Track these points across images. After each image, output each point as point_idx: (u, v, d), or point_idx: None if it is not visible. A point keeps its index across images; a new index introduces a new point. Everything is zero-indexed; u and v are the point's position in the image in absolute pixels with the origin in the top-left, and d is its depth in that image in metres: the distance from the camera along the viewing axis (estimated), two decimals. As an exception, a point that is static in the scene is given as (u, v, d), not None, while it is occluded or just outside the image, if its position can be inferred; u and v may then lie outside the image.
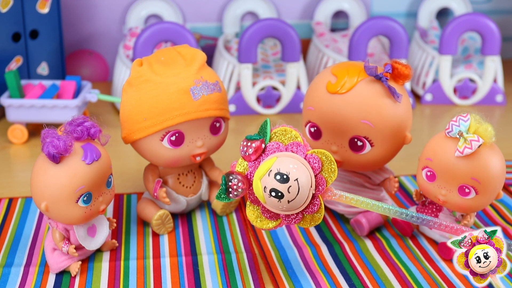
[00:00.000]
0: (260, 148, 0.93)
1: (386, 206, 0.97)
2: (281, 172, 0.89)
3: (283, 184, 0.89)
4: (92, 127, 1.00)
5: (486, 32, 1.77)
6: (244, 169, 0.94)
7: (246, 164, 0.94)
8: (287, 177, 0.89)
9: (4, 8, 1.61)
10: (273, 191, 0.89)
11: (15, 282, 1.01)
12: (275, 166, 0.89)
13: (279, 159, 0.91)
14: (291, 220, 0.94)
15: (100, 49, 2.00)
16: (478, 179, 1.00)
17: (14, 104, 1.52)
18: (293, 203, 0.91)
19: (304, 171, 0.91)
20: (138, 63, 1.10)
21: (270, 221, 0.95)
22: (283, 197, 0.89)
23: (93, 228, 1.05)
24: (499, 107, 1.84)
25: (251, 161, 0.94)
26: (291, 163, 0.90)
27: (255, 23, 1.66)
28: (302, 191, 0.90)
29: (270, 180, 0.89)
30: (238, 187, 0.92)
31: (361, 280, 1.03)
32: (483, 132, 0.99)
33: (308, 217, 0.94)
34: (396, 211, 0.97)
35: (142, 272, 1.04)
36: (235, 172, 0.93)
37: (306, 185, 0.90)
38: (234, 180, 0.92)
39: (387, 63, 1.07)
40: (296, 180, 0.89)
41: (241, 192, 0.92)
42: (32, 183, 0.99)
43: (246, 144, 0.93)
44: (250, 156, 0.93)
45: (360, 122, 1.05)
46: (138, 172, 1.38)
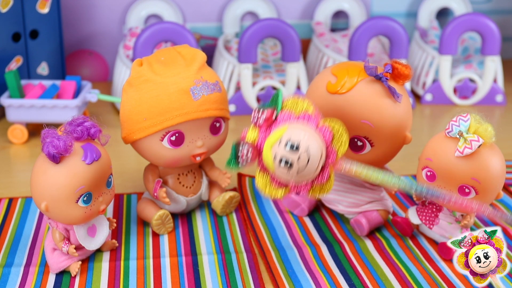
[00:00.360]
0: (271, 117, 0.93)
1: (395, 178, 0.96)
2: (292, 141, 0.88)
3: (293, 153, 0.88)
4: (92, 127, 1.00)
5: (486, 32, 1.77)
6: (254, 137, 0.94)
7: (256, 132, 0.94)
8: (297, 146, 0.88)
9: (4, 8, 1.61)
10: (283, 160, 0.89)
11: (15, 282, 1.01)
12: (286, 135, 0.89)
13: (290, 129, 0.90)
14: (300, 189, 0.93)
15: (100, 49, 2.00)
16: (478, 179, 1.00)
17: (14, 104, 1.52)
18: (303, 173, 0.90)
19: (315, 141, 0.90)
20: (138, 63, 1.10)
21: (279, 189, 0.94)
22: (292, 166, 0.89)
23: (93, 228, 1.05)
24: (499, 107, 1.84)
25: (262, 128, 0.93)
26: (302, 133, 0.89)
27: (255, 23, 1.66)
28: (312, 161, 0.89)
29: (281, 149, 0.89)
30: (247, 155, 0.92)
31: (361, 280, 1.03)
32: (483, 132, 0.99)
33: (317, 187, 0.94)
34: (406, 183, 0.97)
35: (142, 272, 1.04)
36: (245, 140, 0.93)
37: (316, 155, 0.90)
38: (244, 148, 0.92)
39: (387, 63, 1.07)
40: (307, 150, 0.89)
41: (250, 160, 0.92)
42: (32, 183, 0.99)
43: (258, 113, 0.93)
44: (261, 125, 0.93)
45: (360, 122, 1.05)
46: (138, 172, 1.38)
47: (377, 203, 1.17)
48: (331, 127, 0.92)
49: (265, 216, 1.22)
